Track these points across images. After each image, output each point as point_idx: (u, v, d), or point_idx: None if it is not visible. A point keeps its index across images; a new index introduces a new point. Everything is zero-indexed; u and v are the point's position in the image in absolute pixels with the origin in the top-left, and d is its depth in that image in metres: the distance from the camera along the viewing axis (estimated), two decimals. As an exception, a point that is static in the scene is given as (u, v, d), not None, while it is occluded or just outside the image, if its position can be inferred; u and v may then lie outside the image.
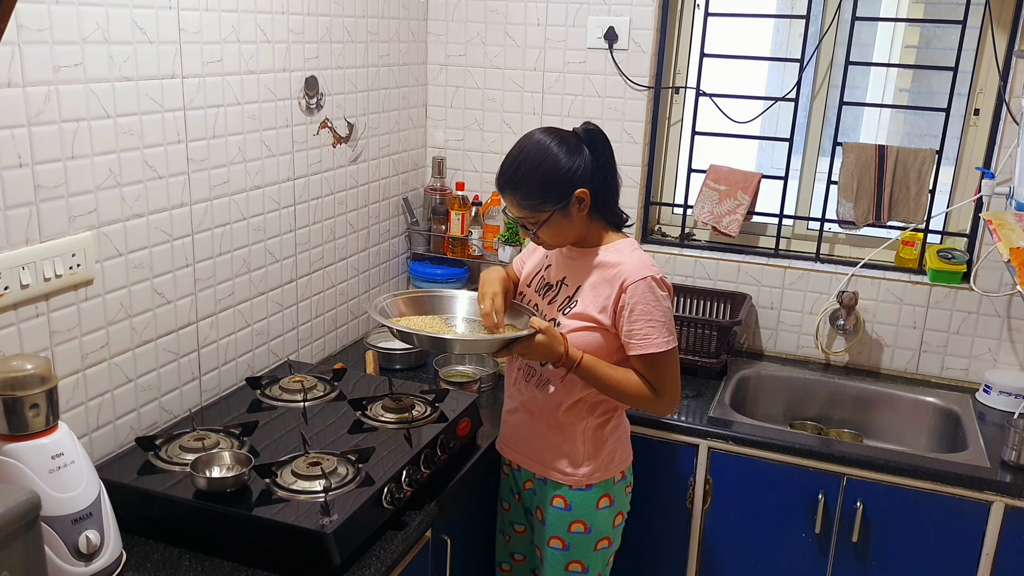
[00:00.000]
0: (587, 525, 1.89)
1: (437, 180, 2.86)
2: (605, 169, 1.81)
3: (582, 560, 1.92)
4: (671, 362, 1.80)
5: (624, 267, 1.78)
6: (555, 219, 1.78)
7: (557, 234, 1.82)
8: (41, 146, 1.54)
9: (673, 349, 1.79)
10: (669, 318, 1.78)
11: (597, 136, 1.81)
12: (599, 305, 1.79)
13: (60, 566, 1.38)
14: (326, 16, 2.28)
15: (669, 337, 1.77)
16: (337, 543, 1.50)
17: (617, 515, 1.94)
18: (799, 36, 2.60)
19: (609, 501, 1.91)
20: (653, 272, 1.77)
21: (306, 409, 1.96)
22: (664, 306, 1.77)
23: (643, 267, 1.77)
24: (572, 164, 1.76)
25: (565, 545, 1.91)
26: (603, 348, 1.80)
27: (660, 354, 1.77)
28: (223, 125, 1.97)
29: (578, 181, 1.76)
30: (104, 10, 1.62)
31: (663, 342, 1.76)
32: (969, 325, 2.51)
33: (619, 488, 1.93)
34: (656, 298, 1.76)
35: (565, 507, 1.89)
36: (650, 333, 1.75)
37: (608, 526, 1.92)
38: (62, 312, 1.63)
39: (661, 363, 1.78)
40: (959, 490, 2.06)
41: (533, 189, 1.76)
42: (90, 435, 1.74)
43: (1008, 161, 2.37)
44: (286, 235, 2.25)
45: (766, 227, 2.77)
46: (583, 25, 2.66)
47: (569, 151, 1.76)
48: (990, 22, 2.40)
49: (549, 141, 1.77)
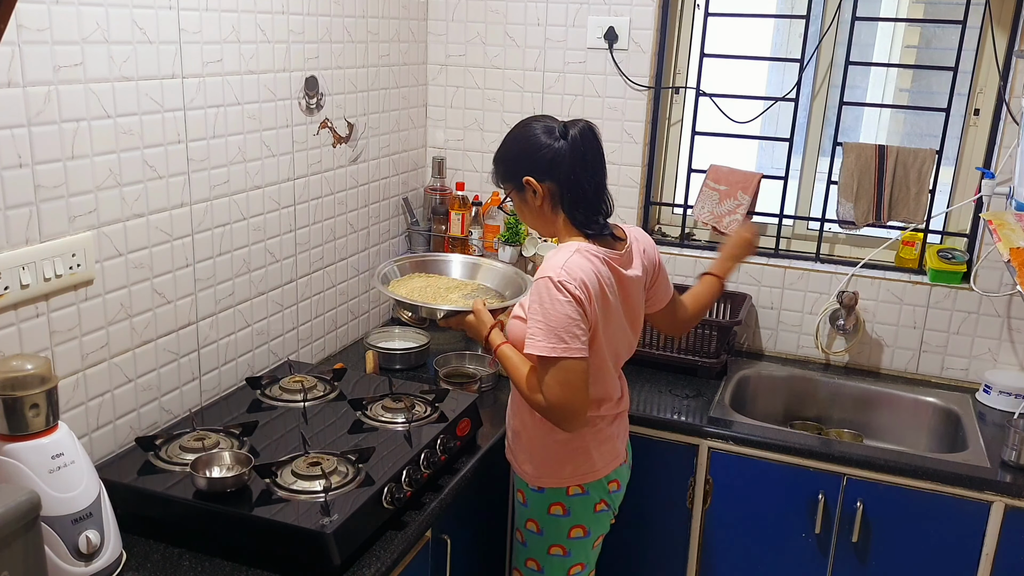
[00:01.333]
0: (538, 526, 1.91)
1: (437, 180, 2.86)
2: (579, 169, 1.73)
3: (536, 559, 1.94)
4: (558, 371, 1.64)
5: (543, 264, 1.71)
6: (515, 199, 1.82)
7: (521, 214, 1.85)
8: (41, 146, 1.54)
9: (563, 359, 1.63)
10: (562, 324, 1.63)
11: (582, 133, 1.74)
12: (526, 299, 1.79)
13: (60, 566, 1.38)
14: (326, 16, 2.28)
15: (555, 344, 1.63)
16: (337, 543, 1.50)
17: (574, 527, 1.88)
18: (799, 36, 2.60)
19: (562, 510, 1.87)
20: (555, 274, 1.65)
21: (306, 409, 1.96)
22: (558, 311, 1.63)
23: (551, 267, 1.67)
24: (533, 150, 1.74)
25: (523, 540, 1.95)
26: None
27: (544, 359, 1.65)
28: (223, 125, 1.97)
29: (530, 169, 1.74)
30: (104, 10, 1.62)
31: (544, 346, 1.63)
32: (969, 325, 2.51)
33: (576, 501, 1.87)
34: (550, 299, 1.64)
35: (523, 503, 1.93)
36: (536, 334, 1.65)
37: (561, 535, 1.89)
38: (62, 312, 1.63)
39: (545, 368, 1.65)
40: (959, 490, 2.06)
41: (498, 164, 1.84)
42: (90, 435, 1.74)
43: (1008, 161, 2.37)
44: (286, 235, 2.25)
45: (766, 227, 2.77)
46: (583, 25, 2.66)
47: (541, 138, 1.74)
48: (990, 22, 2.40)
49: (531, 124, 1.78)
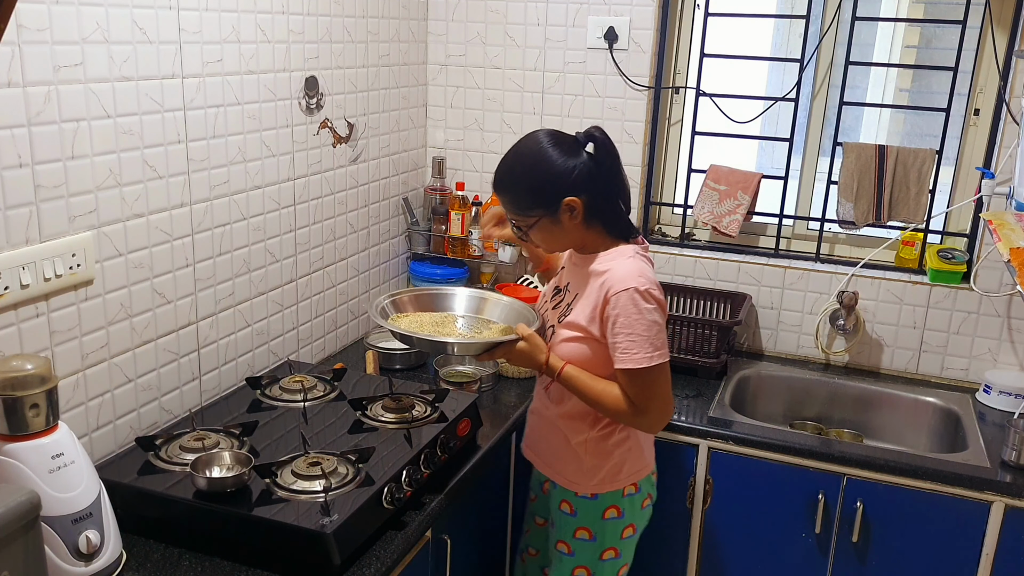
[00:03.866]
0: (592, 533, 1.88)
1: (437, 180, 2.86)
2: (607, 177, 1.74)
3: (588, 566, 1.91)
4: (655, 379, 1.69)
5: (611, 276, 1.71)
6: (544, 224, 1.75)
7: (547, 239, 1.79)
8: (41, 146, 1.54)
9: (658, 366, 1.68)
10: (654, 332, 1.67)
11: (600, 143, 1.74)
12: (588, 315, 1.75)
13: (60, 566, 1.38)
14: (326, 16, 2.28)
15: (652, 353, 1.67)
16: (337, 543, 1.50)
17: (626, 528, 1.90)
18: (799, 36, 2.60)
19: (617, 512, 1.88)
20: (638, 283, 1.67)
21: (306, 409, 1.96)
22: (648, 319, 1.67)
23: (629, 277, 1.68)
24: (564, 170, 1.70)
25: (571, 550, 1.91)
26: (593, 359, 1.76)
27: (641, 370, 1.67)
28: (223, 125, 1.97)
29: (568, 188, 1.70)
30: (104, 10, 1.62)
31: (643, 357, 1.66)
32: (969, 325, 2.51)
33: (630, 501, 1.88)
34: (639, 311, 1.66)
35: (571, 513, 1.89)
36: (630, 347, 1.67)
37: (615, 537, 1.89)
38: (62, 312, 1.63)
39: (643, 379, 1.69)
40: (959, 490, 2.06)
41: (521, 193, 1.75)
42: (90, 435, 1.74)
43: (1008, 161, 2.37)
44: (286, 235, 2.25)
45: (766, 227, 2.77)
46: (583, 25, 2.66)
47: (564, 156, 1.71)
48: (990, 22, 2.40)
49: (545, 144, 1.72)
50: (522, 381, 2.42)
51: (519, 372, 2.42)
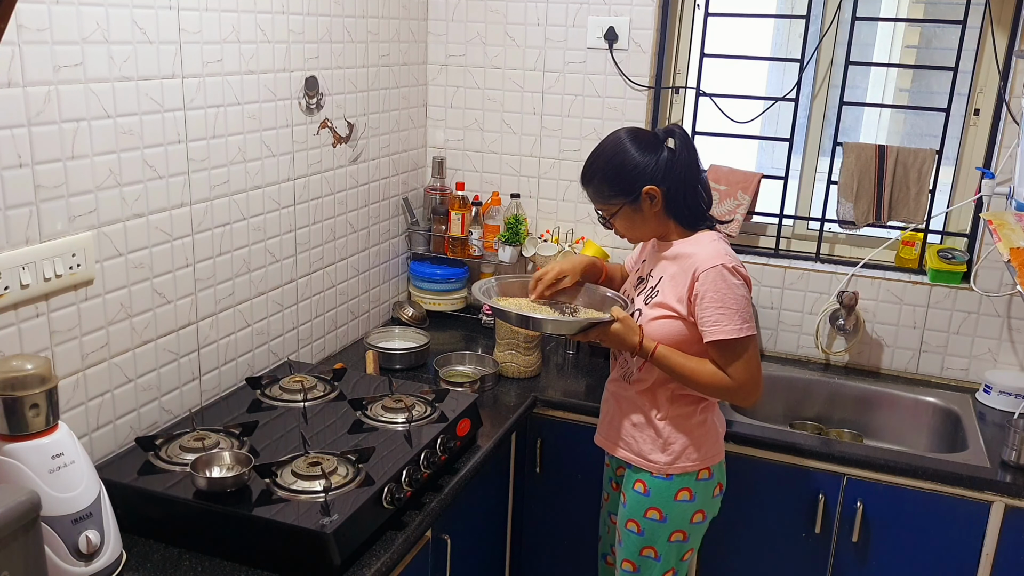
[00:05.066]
0: (662, 513, 1.91)
1: (437, 180, 2.86)
2: (686, 169, 1.84)
3: (655, 547, 1.94)
4: (745, 350, 1.78)
5: (698, 256, 1.81)
6: (625, 212, 1.86)
7: (630, 227, 1.90)
8: (41, 146, 1.54)
9: (747, 338, 1.77)
10: (743, 306, 1.77)
11: (680, 138, 1.85)
12: (677, 295, 1.83)
13: (60, 566, 1.38)
14: (326, 16, 2.28)
15: (742, 324, 1.76)
16: (337, 543, 1.50)
17: (697, 512, 1.93)
18: (799, 36, 2.60)
19: (689, 495, 1.91)
20: (725, 261, 1.78)
21: (306, 409, 1.96)
22: (737, 294, 1.77)
23: (716, 256, 1.79)
24: (643, 161, 1.82)
25: (640, 529, 1.94)
26: (683, 337, 1.83)
27: (731, 341, 1.76)
28: (223, 125, 1.97)
29: (647, 178, 1.82)
30: (104, 10, 1.62)
31: (733, 328, 1.75)
32: (969, 325, 2.51)
33: (702, 485, 1.92)
34: (728, 285, 1.76)
35: (644, 492, 1.92)
36: (720, 320, 1.76)
37: (684, 520, 1.92)
38: (62, 312, 1.63)
39: (734, 350, 1.78)
40: (959, 490, 2.06)
41: (604, 182, 1.86)
42: (90, 435, 1.74)
43: (1008, 161, 2.37)
44: (286, 235, 2.25)
45: (766, 227, 2.77)
46: (583, 25, 2.66)
47: (643, 149, 1.83)
48: (990, 22, 2.40)
49: (624, 139, 1.85)
50: (522, 381, 2.42)
51: (519, 372, 2.42)
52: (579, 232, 2.82)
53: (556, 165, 2.81)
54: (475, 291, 2.04)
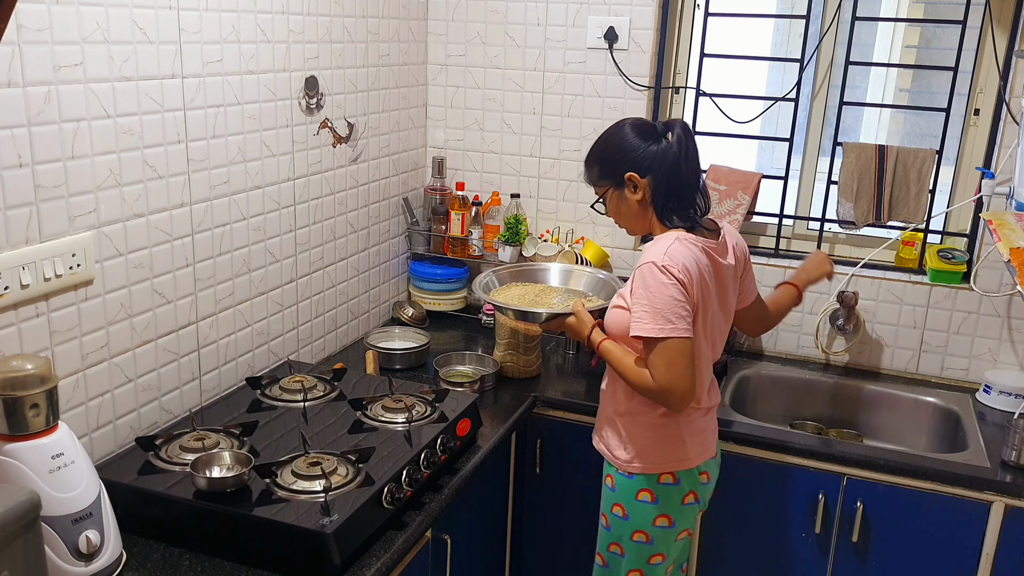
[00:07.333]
0: (624, 511, 1.92)
1: (437, 180, 2.86)
2: (677, 166, 1.81)
3: (620, 543, 1.94)
4: (665, 351, 1.71)
5: (644, 252, 1.81)
6: (612, 196, 1.89)
7: (616, 213, 1.92)
8: (41, 146, 1.54)
9: (672, 340, 1.70)
10: (669, 306, 1.71)
11: (678, 134, 1.83)
12: (627, 287, 1.85)
13: (60, 566, 1.38)
14: (326, 16, 2.28)
15: (664, 324, 1.70)
16: (337, 543, 1.50)
17: (660, 516, 1.90)
18: (799, 36, 2.60)
19: (650, 497, 1.89)
20: (658, 259, 1.73)
21: (306, 409, 1.96)
22: (664, 293, 1.71)
23: (656, 253, 1.75)
24: (632, 147, 1.83)
25: (608, 524, 1.96)
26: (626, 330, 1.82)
27: (651, 340, 1.72)
28: (223, 125, 1.97)
29: (633, 165, 1.83)
30: (104, 10, 1.62)
31: (653, 327, 1.71)
32: (969, 325, 2.51)
33: (664, 490, 1.89)
34: (656, 283, 1.72)
35: (612, 487, 1.94)
36: (642, 317, 1.73)
37: (646, 522, 1.90)
38: (62, 312, 1.63)
39: (652, 348, 1.73)
40: (959, 490, 2.06)
41: (595, 163, 1.91)
42: (90, 435, 1.74)
43: (1008, 161, 2.37)
44: (286, 235, 2.25)
45: (766, 227, 2.77)
46: (583, 25, 2.66)
47: (640, 137, 1.84)
48: (990, 22, 2.40)
49: (624, 126, 1.87)
50: (522, 381, 2.42)
51: (519, 372, 2.42)
52: (579, 232, 2.82)
53: (556, 165, 2.81)
54: (475, 287, 2.15)
